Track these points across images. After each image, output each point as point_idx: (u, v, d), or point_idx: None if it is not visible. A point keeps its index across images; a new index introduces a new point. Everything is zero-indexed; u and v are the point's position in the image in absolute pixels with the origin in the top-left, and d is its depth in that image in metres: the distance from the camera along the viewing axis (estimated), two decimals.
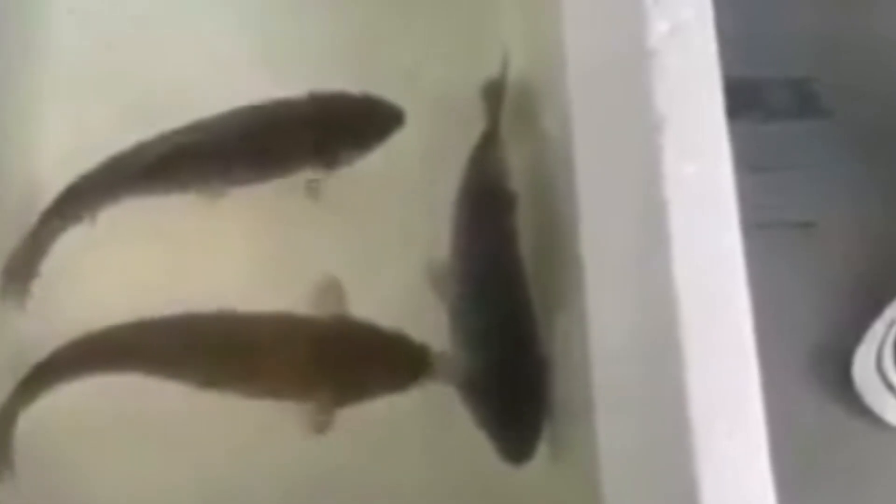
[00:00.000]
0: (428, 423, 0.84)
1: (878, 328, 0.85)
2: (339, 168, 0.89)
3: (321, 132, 0.89)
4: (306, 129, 0.89)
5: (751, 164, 0.62)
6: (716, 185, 0.60)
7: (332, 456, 0.83)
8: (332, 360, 0.83)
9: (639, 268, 0.65)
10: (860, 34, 0.94)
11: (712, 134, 0.61)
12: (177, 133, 0.88)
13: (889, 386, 0.83)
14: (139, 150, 0.87)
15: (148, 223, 0.88)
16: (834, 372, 0.85)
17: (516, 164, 0.89)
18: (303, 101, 0.89)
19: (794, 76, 0.93)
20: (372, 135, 0.88)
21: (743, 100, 0.63)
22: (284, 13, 0.98)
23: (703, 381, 0.58)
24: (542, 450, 0.82)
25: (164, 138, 0.88)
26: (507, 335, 0.83)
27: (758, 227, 0.61)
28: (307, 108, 0.89)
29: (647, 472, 0.66)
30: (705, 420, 0.57)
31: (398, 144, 0.89)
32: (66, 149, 0.92)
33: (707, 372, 0.58)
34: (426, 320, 0.85)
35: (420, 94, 0.93)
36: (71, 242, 0.87)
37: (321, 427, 0.82)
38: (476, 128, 0.90)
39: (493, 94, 0.91)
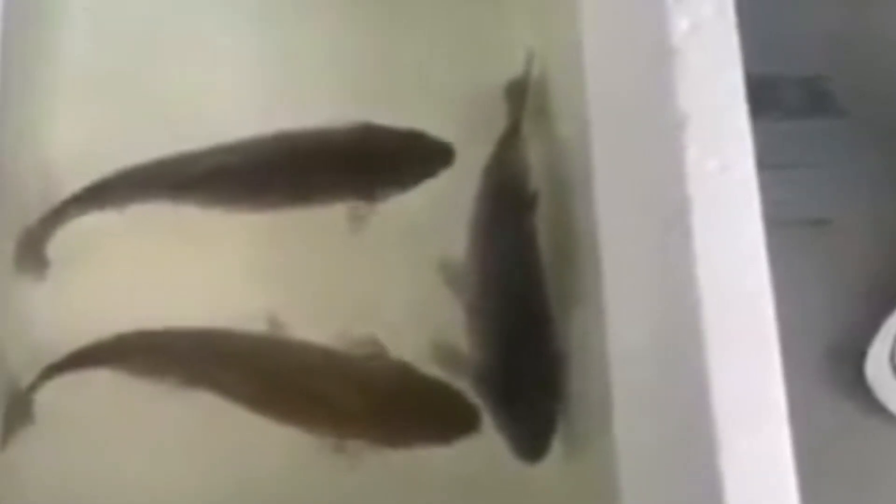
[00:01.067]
0: None
1: (891, 325, 0.85)
2: (379, 202, 0.87)
3: (365, 167, 0.87)
4: (350, 162, 0.87)
5: (766, 162, 0.62)
6: (739, 180, 0.60)
7: None
8: (378, 404, 0.82)
9: (659, 264, 0.65)
10: (876, 33, 0.94)
11: (734, 130, 0.61)
12: (218, 151, 0.86)
13: None
14: (181, 161, 0.86)
15: (174, 225, 0.88)
16: (848, 368, 0.85)
17: (535, 162, 0.89)
18: (349, 133, 0.87)
19: (810, 74, 0.93)
20: (417, 174, 0.87)
21: (759, 98, 0.63)
22: (294, 15, 0.97)
23: (725, 378, 0.58)
24: (559, 448, 0.82)
25: (205, 154, 0.86)
26: (524, 334, 0.83)
27: (773, 224, 0.61)
28: (353, 140, 0.87)
29: (667, 469, 0.66)
30: (727, 417, 0.57)
31: None
32: (80, 146, 0.91)
33: (729, 368, 0.58)
34: (440, 319, 0.85)
35: (434, 96, 0.93)
36: (97, 235, 0.87)
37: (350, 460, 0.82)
38: (490, 128, 0.90)
39: (517, 92, 0.91)
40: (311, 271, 0.88)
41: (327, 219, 0.88)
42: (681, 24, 0.63)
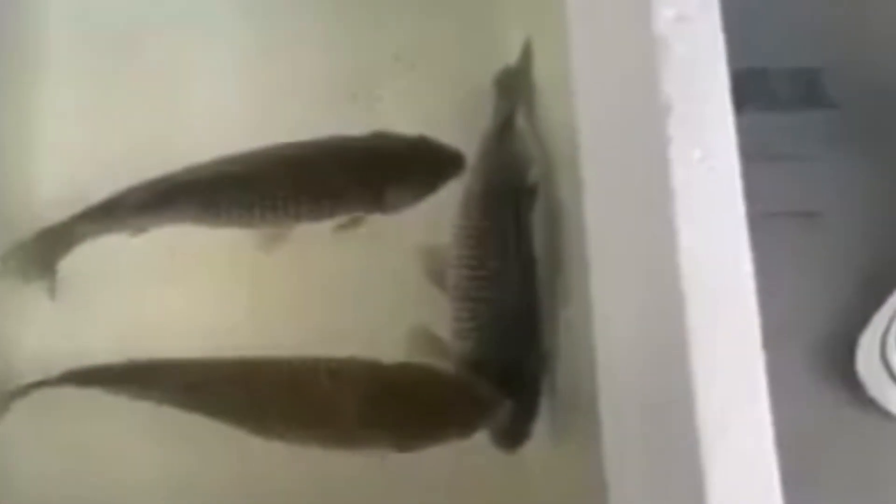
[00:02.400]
0: None
1: (881, 318, 0.85)
2: (389, 212, 0.86)
3: (375, 176, 0.85)
4: (360, 171, 0.85)
5: (756, 154, 0.62)
6: (722, 171, 0.59)
7: None
8: (391, 406, 0.80)
9: (644, 256, 0.65)
10: (867, 25, 0.93)
11: (718, 120, 0.60)
12: (226, 162, 0.85)
13: (892, 376, 0.83)
14: (192, 178, 0.85)
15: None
16: (837, 362, 0.85)
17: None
18: (360, 142, 0.85)
19: (801, 66, 0.93)
20: (428, 182, 0.85)
21: (748, 89, 0.63)
22: (280, 9, 0.97)
23: (708, 369, 0.58)
24: (546, 439, 0.82)
25: (213, 165, 0.85)
26: (513, 325, 0.84)
27: (762, 216, 0.61)
28: (364, 148, 0.86)
29: (652, 463, 0.65)
30: (710, 408, 0.57)
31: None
32: (65, 150, 0.92)
33: (713, 361, 0.58)
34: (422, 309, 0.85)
35: (423, 89, 0.94)
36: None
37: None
38: (478, 120, 0.90)
39: (512, 81, 0.91)
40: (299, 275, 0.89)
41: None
42: (666, 14, 0.62)
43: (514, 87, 0.91)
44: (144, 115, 0.93)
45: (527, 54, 0.91)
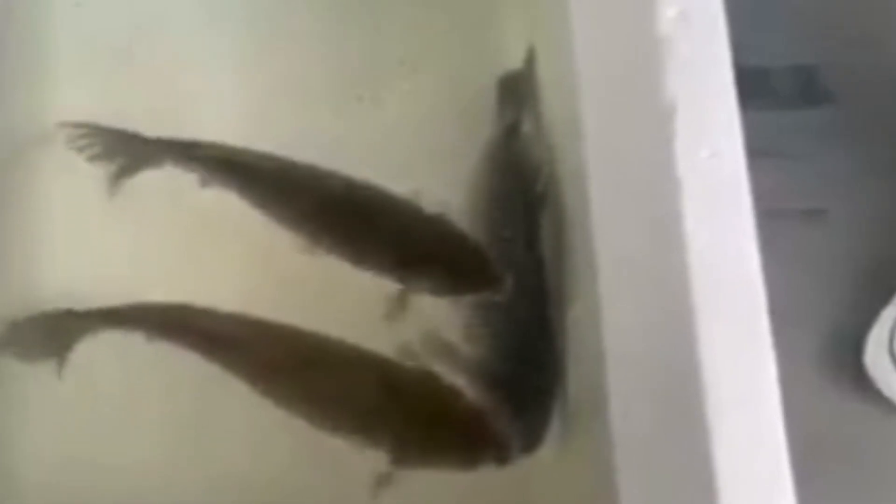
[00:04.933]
0: None
1: (889, 312, 0.85)
2: (409, 291, 0.84)
3: (406, 255, 0.84)
4: (394, 240, 0.85)
5: (759, 152, 0.62)
6: (729, 167, 0.60)
7: None
8: (406, 415, 0.80)
9: (651, 254, 0.65)
10: (867, 20, 0.93)
11: (724, 117, 0.60)
12: (291, 165, 0.86)
13: None
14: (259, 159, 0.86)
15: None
16: (845, 357, 0.85)
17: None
18: (414, 216, 0.84)
19: (801, 63, 0.93)
20: (451, 290, 0.84)
21: (749, 87, 0.63)
22: (277, 11, 0.97)
23: (718, 368, 0.58)
24: (556, 437, 0.82)
25: (278, 161, 0.86)
26: (524, 332, 0.84)
27: (767, 214, 0.61)
28: (413, 224, 0.84)
29: (662, 458, 0.66)
30: (720, 406, 0.57)
31: (396, 137, 0.90)
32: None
33: (721, 358, 0.58)
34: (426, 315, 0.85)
35: (424, 90, 0.94)
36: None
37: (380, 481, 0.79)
38: (480, 123, 0.90)
39: (515, 88, 0.91)
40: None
41: None
42: (668, 12, 0.62)
43: (519, 93, 0.91)
44: (146, 116, 0.93)
45: (530, 62, 0.91)
